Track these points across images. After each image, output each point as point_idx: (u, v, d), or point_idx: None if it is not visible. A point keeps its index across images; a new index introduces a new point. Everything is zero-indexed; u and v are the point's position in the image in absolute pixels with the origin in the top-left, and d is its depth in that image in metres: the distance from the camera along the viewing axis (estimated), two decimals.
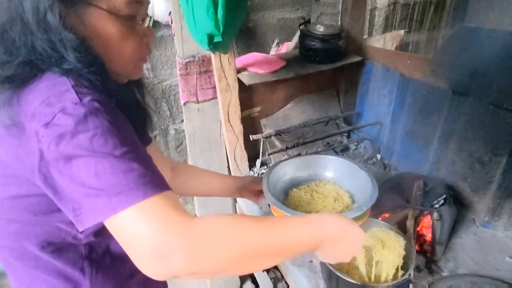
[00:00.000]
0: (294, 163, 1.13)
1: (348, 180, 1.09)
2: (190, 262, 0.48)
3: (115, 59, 0.61)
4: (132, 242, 0.49)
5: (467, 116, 1.18)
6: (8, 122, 0.52)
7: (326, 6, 1.97)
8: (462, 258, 1.09)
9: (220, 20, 1.01)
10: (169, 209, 0.49)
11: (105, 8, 0.57)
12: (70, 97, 0.50)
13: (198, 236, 0.49)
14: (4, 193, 0.58)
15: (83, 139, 0.48)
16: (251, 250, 0.53)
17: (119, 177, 0.48)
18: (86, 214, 0.49)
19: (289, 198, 1.06)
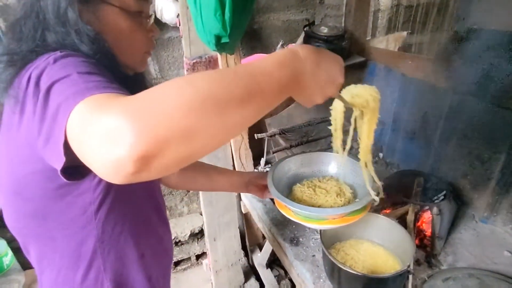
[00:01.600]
0: (298, 159, 1.16)
1: (350, 176, 1.12)
2: (141, 133, 0.37)
3: (124, 51, 0.66)
4: (82, 139, 0.41)
5: (466, 115, 1.22)
6: (12, 102, 0.55)
7: (330, 8, 2.01)
8: (461, 252, 1.12)
9: (227, 21, 1.06)
10: (116, 97, 0.42)
11: (117, 5, 0.62)
12: (55, 54, 0.53)
13: (138, 102, 0.39)
14: (21, 171, 0.60)
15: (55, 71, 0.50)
16: (210, 94, 0.41)
17: (79, 86, 0.46)
18: (52, 139, 0.47)
19: (293, 193, 1.09)
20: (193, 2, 1.10)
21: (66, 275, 0.70)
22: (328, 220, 0.92)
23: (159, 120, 0.38)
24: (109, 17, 0.63)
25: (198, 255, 2.31)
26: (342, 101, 0.73)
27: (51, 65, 0.51)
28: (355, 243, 1.12)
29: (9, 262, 1.73)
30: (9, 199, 0.66)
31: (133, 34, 0.67)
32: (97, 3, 0.61)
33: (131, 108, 0.38)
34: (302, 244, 1.22)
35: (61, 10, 0.57)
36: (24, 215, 0.66)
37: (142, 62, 0.74)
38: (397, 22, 2.17)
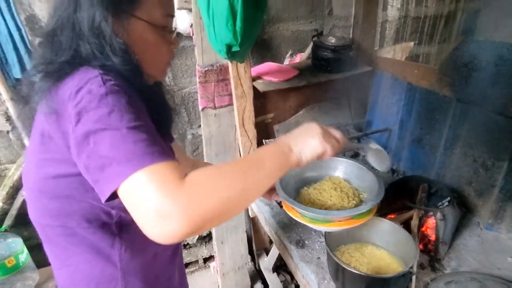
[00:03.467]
0: None
1: (356, 180, 1.15)
2: (186, 217, 0.50)
3: (149, 62, 0.72)
4: (136, 204, 0.52)
5: (471, 123, 1.24)
6: (47, 110, 0.60)
7: (339, 19, 2.06)
8: (465, 258, 1.13)
9: (238, 31, 1.12)
10: (170, 175, 0.53)
11: (146, 20, 0.68)
12: (96, 81, 0.58)
13: (189, 194, 0.52)
14: (48, 173, 0.65)
15: (101, 114, 0.54)
16: (237, 192, 0.57)
17: (130, 147, 0.53)
18: (103, 184, 0.54)
19: (300, 195, 1.12)
20: (206, 13, 1.16)
21: (83, 270, 0.74)
22: (334, 222, 0.95)
23: (205, 211, 0.52)
24: (137, 30, 0.67)
25: (206, 258, 2.34)
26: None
27: (95, 103, 0.55)
28: (360, 246, 1.14)
29: (25, 260, 1.79)
30: (34, 195, 0.71)
31: (158, 46, 0.72)
32: (127, 17, 0.66)
33: (184, 198, 0.51)
34: (308, 246, 1.25)
35: (95, 23, 0.62)
36: (48, 212, 0.70)
37: (164, 72, 0.80)
38: (405, 33, 2.20)
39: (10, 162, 1.85)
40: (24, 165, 0.74)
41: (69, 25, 0.63)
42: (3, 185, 1.81)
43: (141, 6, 0.67)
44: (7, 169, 1.85)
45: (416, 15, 2.18)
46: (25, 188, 0.73)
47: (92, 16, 0.62)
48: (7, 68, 1.42)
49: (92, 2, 0.62)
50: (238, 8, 1.09)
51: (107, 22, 0.62)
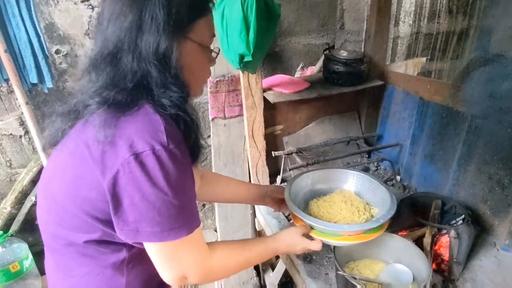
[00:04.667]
0: (315, 175, 1.17)
1: (368, 194, 1.12)
2: (198, 282, 0.73)
3: (195, 82, 0.75)
4: (168, 263, 0.68)
5: (485, 139, 1.21)
6: (102, 139, 0.60)
7: (350, 34, 2.07)
8: (481, 280, 1.08)
9: (251, 42, 1.13)
10: (200, 244, 0.71)
11: (197, 41, 0.70)
12: (161, 138, 0.60)
13: (210, 270, 0.73)
14: (79, 192, 0.66)
15: (157, 180, 0.60)
16: (236, 271, 0.83)
17: (176, 217, 0.64)
18: (129, 233, 0.63)
19: (309, 207, 1.10)
20: (220, 24, 1.18)
21: (88, 281, 0.73)
22: (343, 237, 0.92)
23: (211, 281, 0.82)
24: (190, 52, 0.70)
25: None
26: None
27: (157, 169, 0.60)
28: (370, 263, 1.10)
29: (29, 266, 1.78)
30: (56, 207, 0.70)
31: (205, 65, 0.77)
32: (183, 39, 0.67)
33: (205, 275, 0.73)
34: (316, 262, 1.21)
35: (160, 48, 0.63)
36: (67, 225, 0.70)
37: (202, 89, 0.82)
38: (417, 49, 2.20)
39: (21, 166, 1.86)
40: (49, 173, 0.73)
41: (130, 50, 0.63)
42: (13, 189, 1.82)
43: (195, 29, 0.69)
44: (18, 173, 1.87)
45: (428, 32, 2.18)
46: (47, 197, 0.73)
47: (157, 41, 0.63)
48: (24, 73, 1.45)
49: (158, 27, 0.62)
50: (252, 19, 1.11)
51: (172, 47, 0.64)
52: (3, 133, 1.76)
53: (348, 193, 1.13)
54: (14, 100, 1.69)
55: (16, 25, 1.36)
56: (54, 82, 1.58)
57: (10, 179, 1.88)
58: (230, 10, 1.13)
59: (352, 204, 1.06)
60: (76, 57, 1.70)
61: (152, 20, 0.62)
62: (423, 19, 2.14)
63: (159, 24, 0.62)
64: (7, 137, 1.78)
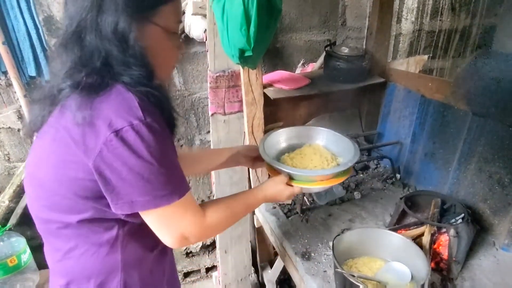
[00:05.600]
0: (286, 132, 1.26)
1: (333, 146, 1.21)
2: (199, 240, 0.80)
3: (160, 66, 0.75)
4: (167, 226, 0.72)
5: (487, 137, 1.20)
6: (81, 121, 0.63)
7: (352, 31, 2.06)
8: (480, 279, 1.08)
9: (251, 36, 1.11)
10: (193, 206, 0.75)
11: (162, 26, 0.71)
12: (137, 113, 0.63)
13: (207, 227, 0.78)
14: (66, 174, 0.67)
15: (140, 152, 0.63)
16: (230, 224, 0.87)
17: (165, 184, 0.67)
18: (124, 206, 0.67)
19: (282, 161, 1.15)
20: (220, 18, 1.16)
21: (85, 262, 0.75)
22: (317, 182, 1.02)
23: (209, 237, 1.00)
24: (153, 35, 0.71)
25: (208, 268, 2.30)
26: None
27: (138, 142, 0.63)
28: (368, 261, 1.10)
29: (27, 260, 1.78)
30: (45, 192, 0.72)
31: (170, 51, 0.77)
32: (147, 23, 0.69)
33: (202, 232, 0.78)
34: (314, 259, 1.21)
35: (119, 28, 0.65)
36: (58, 208, 0.71)
37: (169, 74, 0.87)
38: (419, 46, 2.19)
39: (19, 160, 1.86)
40: (33, 160, 0.74)
41: (92, 28, 0.65)
42: (11, 183, 1.82)
43: (159, 13, 0.70)
44: (16, 167, 1.86)
45: (430, 29, 2.17)
46: (33, 184, 0.74)
47: (116, 20, 0.64)
48: (22, 65, 1.44)
49: (116, 7, 0.64)
50: (253, 14, 1.09)
51: (130, 27, 0.65)
52: (1, 126, 1.75)
53: (317, 146, 1.22)
54: (12, 93, 1.68)
55: (15, 17, 1.35)
56: None
57: (8, 172, 1.88)
58: (231, 4, 1.12)
59: (321, 155, 1.15)
60: None
61: (112, 0, 0.64)
62: (426, 16, 2.13)
63: (118, 4, 0.64)
64: (5, 131, 1.77)
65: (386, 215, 1.40)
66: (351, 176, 1.71)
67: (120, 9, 0.64)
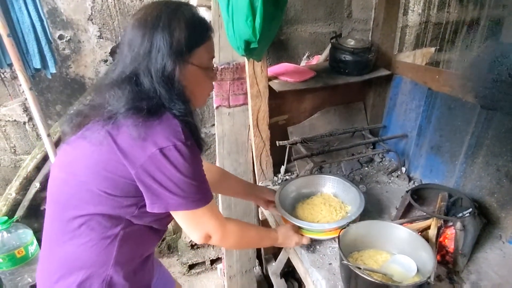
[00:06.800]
0: (299, 182, 1.42)
1: (342, 194, 1.38)
2: (219, 242, 0.96)
3: (197, 97, 0.91)
4: (196, 225, 0.89)
5: (495, 130, 1.19)
6: (136, 136, 0.77)
7: (358, 22, 2.03)
8: (486, 272, 1.07)
9: (257, 28, 1.10)
10: (217, 211, 0.93)
11: (197, 65, 0.86)
12: (180, 136, 0.78)
13: (227, 232, 0.95)
14: (101, 172, 0.79)
15: (180, 167, 0.79)
16: (245, 245, 1.22)
17: (196, 191, 0.83)
18: (161, 205, 0.81)
19: (296, 210, 1.35)
20: (225, 9, 1.15)
21: (82, 252, 0.84)
22: (325, 232, 1.17)
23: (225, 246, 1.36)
24: (191, 74, 0.86)
25: (213, 260, 2.32)
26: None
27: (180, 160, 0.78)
28: (374, 254, 1.10)
29: (34, 251, 1.80)
30: (75, 182, 0.82)
31: (205, 84, 0.93)
32: (185, 64, 0.83)
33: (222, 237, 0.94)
34: (319, 252, 1.21)
35: (166, 72, 0.80)
36: (80, 198, 0.82)
37: (205, 101, 1.00)
38: (425, 38, 2.16)
39: (25, 153, 1.87)
40: (72, 151, 0.86)
41: (145, 73, 0.80)
42: (17, 175, 1.83)
43: (195, 55, 0.85)
44: (22, 160, 1.88)
45: (437, 21, 2.13)
46: (67, 171, 0.85)
47: (163, 66, 0.80)
48: (27, 58, 1.44)
49: (163, 55, 0.79)
50: (258, 5, 1.08)
51: (175, 71, 0.80)
52: (7, 119, 1.76)
53: (327, 196, 1.39)
54: (17, 86, 1.69)
55: (19, 9, 1.34)
56: (57, 67, 1.57)
57: (15, 165, 1.89)
58: None
59: (330, 205, 1.32)
60: (79, 43, 1.68)
61: (159, 50, 0.79)
62: (433, 8, 2.09)
63: (164, 53, 0.79)
64: (11, 124, 1.78)
65: (392, 208, 1.40)
66: (356, 169, 1.71)
67: (166, 57, 0.79)
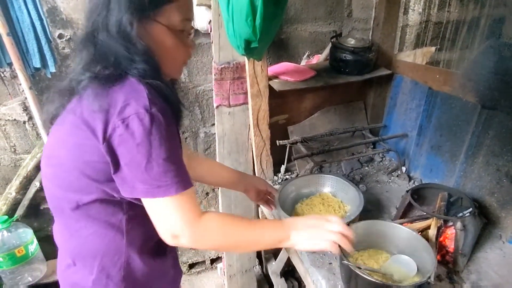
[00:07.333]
0: (298, 181, 1.40)
1: (341, 193, 1.37)
2: (192, 244, 0.77)
3: (167, 63, 0.78)
4: (158, 220, 0.74)
5: (495, 130, 1.19)
6: (97, 108, 0.68)
7: (358, 22, 2.03)
8: (486, 272, 1.07)
9: (257, 27, 1.10)
10: (189, 205, 0.73)
11: (165, 24, 0.75)
12: (143, 102, 0.67)
13: (200, 232, 0.76)
14: (81, 157, 0.73)
15: (140, 140, 0.66)
16: (233, 245, 0.84)
17: (161, 175, 0.69)
18: (127, 189, 0.71)
19: (295, 210, 1.34)
20: (225, 8, 1.15)
21: (92, 242, 0.81)
22: None
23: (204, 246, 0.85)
24: (157, 34, 0.75)
25: (213, 259, 2.32)
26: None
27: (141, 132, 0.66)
28: (374, 253, 1.10)
29: (34, 250, 1.80)
30: (61, 172, 0.77)
31: (176, 49, 0.79)
32: (149, 22, 0.73)
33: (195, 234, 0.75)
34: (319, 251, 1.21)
35: (122, 26, 0.69)
36: (72, 187, 0.77)
37: (179, 71, 0.88)
38: (426, 38, 2.15)
39: (25, 152, 1.87)
40: (52, 143, 0.80)
41: (103, 28, 0.71)
42: (17, 174, 1.83)
43: (162, 12, 0.74)
44: (22, 159, 1.87)
45: (438, 20, 2.13)
46: (52, 164, 0.79)
47: (119, 20, 0.69)
48: (27, 57, 1.44)
49: (120, 7, 0.69)
50: (258, 4, 1.07)
51: (132, 26, 0.70)
52: (7, 118, 1.75)
53: (326, 195, 1.37)
54: (17, 85, 1.68)
55: (19, 8, 1.34)
56: (57, 67, 1.56)
57: (15, 164, 1.89)
58: None
59: (329, 205, 1.31)
60: None
61: (118, 1, 0.69)
62: (433, 7, 2.09)
63: (121, 4, 0.69)
64: (11, 123, 1.78)
65: (392, 208, 1.40)
66: (357, 169, 1.71)
67: (123, 9, 0.69)
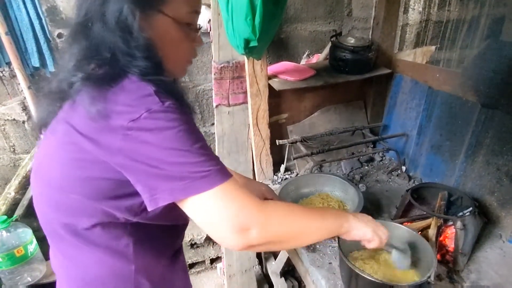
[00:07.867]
0: (298, 181, 1.41)
1: (341, 193, 1.36)
2: (263, 234, 0.63)
3: (170, 59, 0.69)
4: (212, 219, 0.60)
5: (495, 129, 1.18)
6: (95, 114, 0.57)
7: (358, 21, 2.03)
8: (486, 271, 1.07)
9: (257, 26, 1.09)
10: (241, 193, 0.61)
11: (171, 16, 0.66)
12: (153, 100, 0.57)
13: (268, 217, 0.64)
14: (79, 174, 0.62)
15: (167, 135, 0.57)
16: (300, 229, 0.71)
17: (202, 164, 0.58)
18: (162, 194, 0.58)
19: None
20: (225, 7, 1.15)
21: (97, 270, 0.72)
22: None
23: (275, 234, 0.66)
24: (161, 26, 0.66)
25: (213, 259, 2.32)
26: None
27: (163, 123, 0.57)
28: (374, 253, 1.10)
29: (33, 251, 1.79)
30: (54, 192, 0.67)
31: (181, 43, 0.70)
32: (153, 12, 0.64)
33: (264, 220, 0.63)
34: (319, 251, 1.21)
35: (122, 16, 0.60)
36: (66, 209, 0.67)
37: (184, 69, 0.77)
38: (426, 37, 2.15)
39: (25, 152, 1.87)
40: (41, 158, 0.70)
41: (98, 18, 0.61)
42: (17, 174, 1.83)
43: (168, 3, 0.65)
44: (21, 159, 1.87)
45: (438, 19, 2.13)
46: (41, 185, 0.70)
47: (119, 9, 0.60)
48: (26, 56, 1.43)
49: None
50: (258, 3, 1.07)
51: (134, 16, 0.61)
52: (6, 118, 1.75)
53: (325, 195, 1.36)
54: (16, 85, 1.68)
55: (18, 7, 1.34)
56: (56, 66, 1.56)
57: (14, 164, 1.89)
58: None
59: (329, 204, 1.30)
60: None
61: None
62: (433, 6, 2.09)
63: None
64: (10, 123, 1.78)
65: (392, 207, 1.40)
66: (357, 168, 1.71)
67: None
